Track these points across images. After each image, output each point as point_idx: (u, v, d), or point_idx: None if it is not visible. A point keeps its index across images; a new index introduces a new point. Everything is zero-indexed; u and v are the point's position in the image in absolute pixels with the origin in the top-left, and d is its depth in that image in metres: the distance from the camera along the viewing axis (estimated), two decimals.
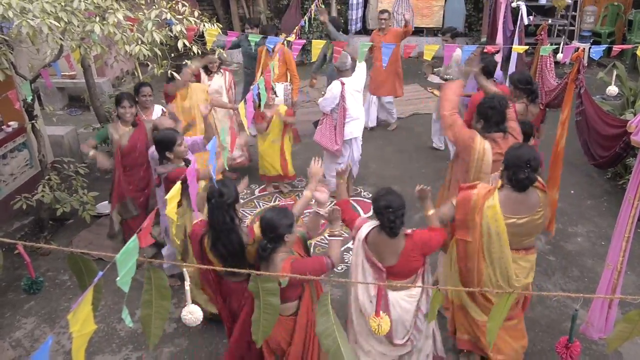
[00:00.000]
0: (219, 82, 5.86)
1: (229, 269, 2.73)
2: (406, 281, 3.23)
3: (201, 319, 2.56)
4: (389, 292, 3.19)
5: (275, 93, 5.57)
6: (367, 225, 3.24)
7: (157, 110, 5.04)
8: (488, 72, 4.86)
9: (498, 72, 5.93)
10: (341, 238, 3.18)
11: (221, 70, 5.94)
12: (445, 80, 6.16)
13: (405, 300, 3.23)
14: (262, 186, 6.26)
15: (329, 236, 3.12)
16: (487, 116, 3.74)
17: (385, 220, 3.05)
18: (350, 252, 3.47)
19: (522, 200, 3.20)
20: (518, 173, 3.11)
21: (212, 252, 3.11)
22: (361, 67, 5.47)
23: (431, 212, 3.32)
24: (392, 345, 3.30)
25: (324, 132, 5.51)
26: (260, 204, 5.98)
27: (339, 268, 4.76)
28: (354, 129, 5.54)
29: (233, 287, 3.25)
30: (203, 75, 5.80)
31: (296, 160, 6.27)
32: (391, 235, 3.08)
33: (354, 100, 5.42)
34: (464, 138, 3.77)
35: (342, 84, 5.29)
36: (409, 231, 3.15)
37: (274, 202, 6.01)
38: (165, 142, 3.89)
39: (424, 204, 3.32)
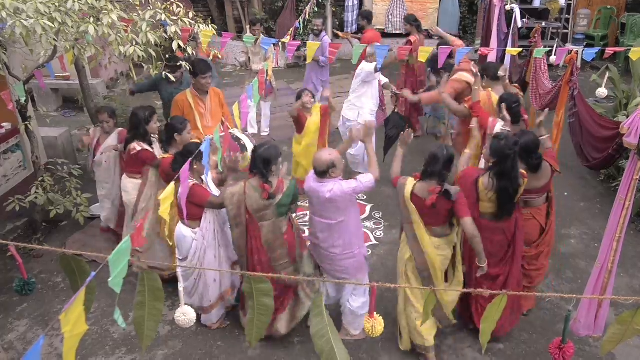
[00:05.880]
0: (113, 140, 4.91)
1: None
2: None
3: (195, 321, 2.56)
4: None
5: (243, 148, 4.66)
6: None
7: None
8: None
9: None
10: None
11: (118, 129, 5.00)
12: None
13: None
14: None
15: None
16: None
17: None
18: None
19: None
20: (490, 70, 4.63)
21: (495, 189, 3.57)
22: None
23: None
24: None
25: None
26: None
27: None
28: None
29: (492, 226, 3.70)
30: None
31: None
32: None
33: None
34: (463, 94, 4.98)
35: None
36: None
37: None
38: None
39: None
